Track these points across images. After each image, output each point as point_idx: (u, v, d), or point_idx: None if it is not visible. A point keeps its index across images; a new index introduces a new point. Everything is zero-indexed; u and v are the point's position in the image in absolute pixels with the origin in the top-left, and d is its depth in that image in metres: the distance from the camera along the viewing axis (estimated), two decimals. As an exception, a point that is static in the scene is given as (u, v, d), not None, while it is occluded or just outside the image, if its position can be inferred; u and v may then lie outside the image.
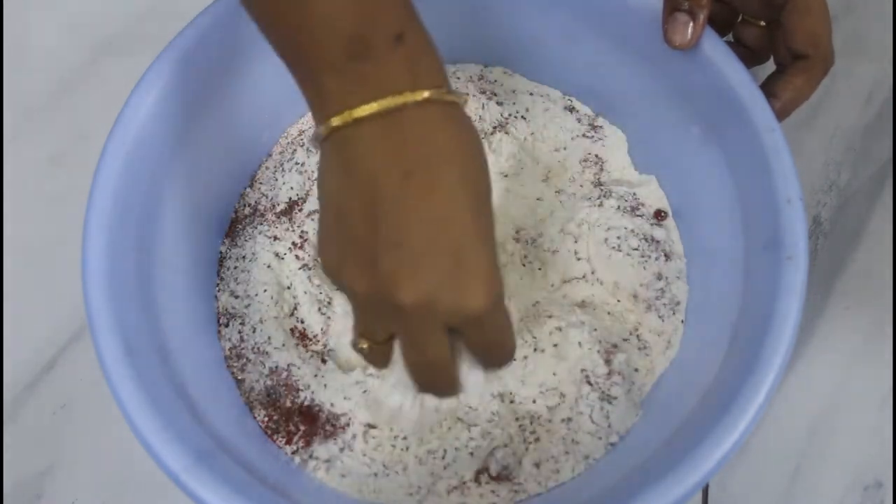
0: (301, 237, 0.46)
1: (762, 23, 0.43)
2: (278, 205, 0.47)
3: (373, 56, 0.31)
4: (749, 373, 0.35)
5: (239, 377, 0.43)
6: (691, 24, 0.40)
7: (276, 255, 0.45)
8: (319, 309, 0.44)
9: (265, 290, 0.44)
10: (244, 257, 0.45)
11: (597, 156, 0.48)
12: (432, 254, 0.31)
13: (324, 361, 0.43)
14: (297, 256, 0.45)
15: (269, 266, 0.45)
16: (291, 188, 0.47)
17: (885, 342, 0.49)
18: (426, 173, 0.31)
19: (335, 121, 0.31)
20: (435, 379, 0.36)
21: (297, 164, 0.47)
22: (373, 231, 0.31)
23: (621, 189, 0.47)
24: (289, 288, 0.45)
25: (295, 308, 0.44)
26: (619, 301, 0.45)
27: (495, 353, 0.36)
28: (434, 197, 0.31)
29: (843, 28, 0.56)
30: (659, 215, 0.47)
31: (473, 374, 0.38)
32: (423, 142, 0.31)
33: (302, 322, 0.44)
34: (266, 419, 0.42)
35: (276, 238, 0.46)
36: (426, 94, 0.31)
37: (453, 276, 0.31)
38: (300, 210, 0.46)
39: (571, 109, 0.49)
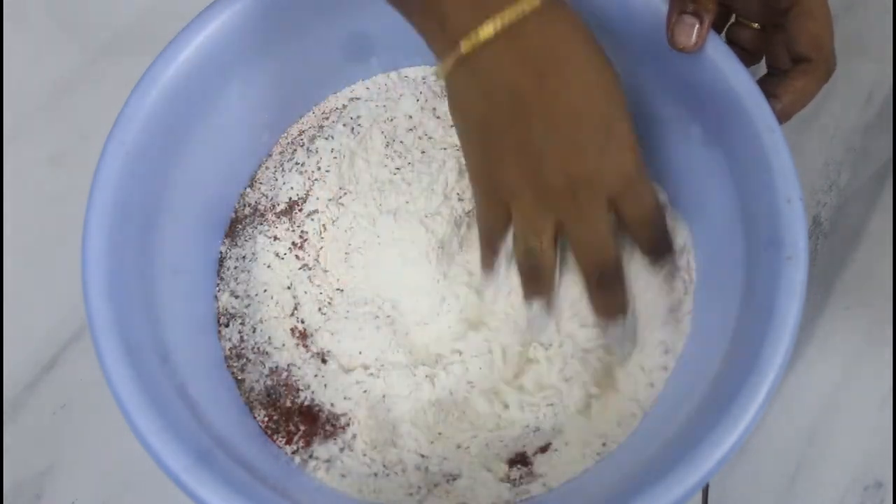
0: (301, 237, 0.46)
1: (756, 25, 0.43)
2: (278, 205, 0.47)
3: None
4: (749, 373, 0.35)
5: (239, 377, 0.43)
6: (697, 27, 0.40)
7: (277, 255, 0.45)
8: (320, 309, 0.44)
9: (265, 290, 0.44)
10: (244, 257, 0.45)
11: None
12: (584, 133, 0.36)
13: (324, 361, 0.43)
14: (297, 256, 0.45)
15: (269, 266, 0.45)
16: (291, 188, 0.47)
17: (885, 342, 0.49)
18: (558, 70, 0.35)
19: (464, 46, 0.34)
20: (603, 256, 0.39)
21: (297, 164, 0.47)
22: (527, 132, 0.35)
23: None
24: (289, 288, 0.45)
25: (295, 308, 0.44)
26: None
27: (647, 220, 0.39)
28: (572, 87, 0.35)
29: (844, 28, 0.55)
30: None
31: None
32: (548, 43, 0.35)
33: (302, 322, 0.44)
34: (266, 419, 0.42)
35: (276, 238, 0.46)
36: (538, 1, 0.34)
37: (608, 147, 0.36)
38: (300, 210, 0.46)
39: (571, 109, 0.49)
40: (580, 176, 0.36)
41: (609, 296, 0.40)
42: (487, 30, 0.34)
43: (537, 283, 0.41)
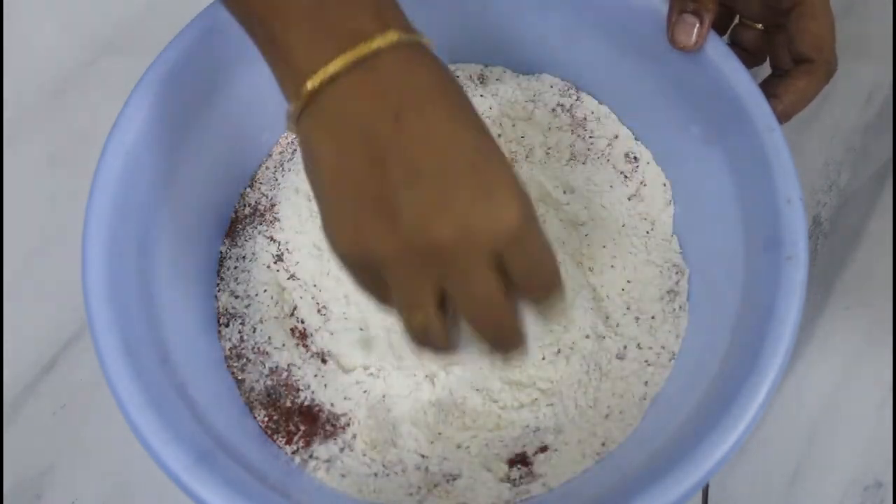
0: (301, 237, 0.46)
1: (759, 26, 0.43)
2: (278, 205, 0.47)
3: (335, 5, 0.30)
4: (749, 373, 0.35)
5: (239, 377, 0.43)
6: (697, 26, 0.40)
7: (276, 255, 0.45)
8: (319, 310, 0.44)
9: (265, 291, 0.44)
10: (244, 257, 0.45)
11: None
12: (451, 180, 0.30)
13: (324, 361, 0.43)
14: (297, 256, 0.45)
15: (268, 266, 0.45)
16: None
17: (885, 342, 0.49)
18: (417, 109, 0.30)
19: (311, 83, 0.30)
20: (499, 327, 0.32)
21: (296, 163, 0.47)
22: (383, 181, 0.30)
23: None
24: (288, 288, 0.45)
25: (295, 308, 0.44)
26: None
27: (541, 278, 0.32)
28: (433, 128, 0.30)
29: (844, 28, 0.55)
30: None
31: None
32: (405, 82, 0.30)
33: (302, 322, 0.44)
34: (266, 419, 0.42)
35: (275, 238, 0.46)
36: (396, 36, 0.30)
37: (480, 195, 0.30)
38: (300, 210, 0.46)
39: (571, 109, 0.49)
40: (448, 233, 0.29)
41: (510, 351, 0.34)
42: (336, 64, 0.30)
43: (435, 349, 0.34)
